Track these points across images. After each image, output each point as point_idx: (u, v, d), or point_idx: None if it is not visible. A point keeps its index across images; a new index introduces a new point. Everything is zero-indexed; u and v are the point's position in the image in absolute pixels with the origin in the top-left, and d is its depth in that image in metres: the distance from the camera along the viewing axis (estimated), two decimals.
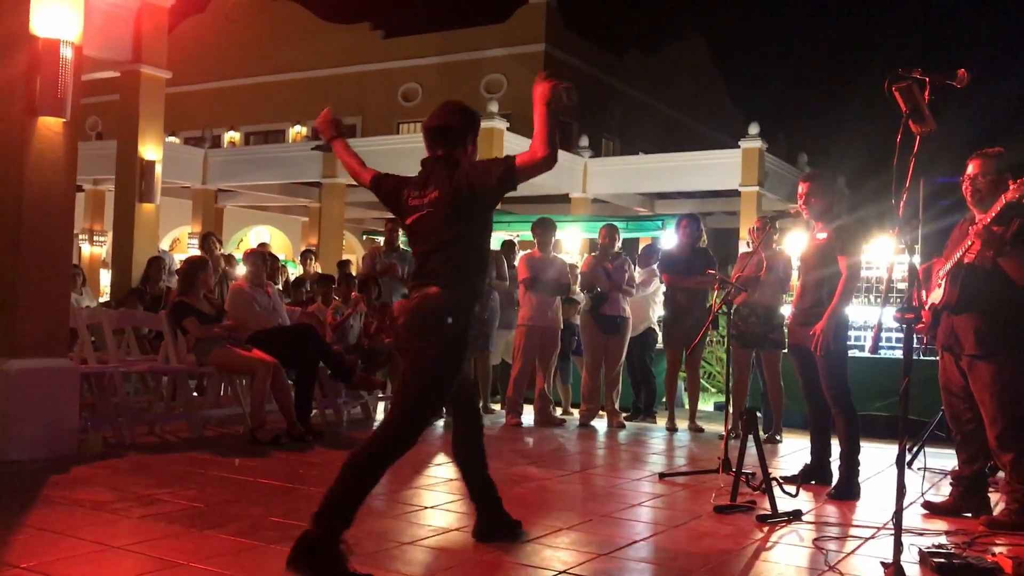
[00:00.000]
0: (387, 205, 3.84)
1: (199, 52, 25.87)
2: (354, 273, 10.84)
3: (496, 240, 12.40)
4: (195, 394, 7.44)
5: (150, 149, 10.24)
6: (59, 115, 5.67)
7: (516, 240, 13.06)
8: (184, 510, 4.27)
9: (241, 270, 9.27)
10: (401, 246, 9.86)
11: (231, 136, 26.83)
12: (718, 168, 18.76)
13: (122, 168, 10.40)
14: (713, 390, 10.95)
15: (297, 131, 26.46)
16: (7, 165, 5.62)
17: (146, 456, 5.80)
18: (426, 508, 4.57)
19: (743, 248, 12.39)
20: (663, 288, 8.53)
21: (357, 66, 26.97)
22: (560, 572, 3.47)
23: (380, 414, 8.48)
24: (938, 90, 3.52)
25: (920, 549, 3.75)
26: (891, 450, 5.93)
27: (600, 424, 8.12)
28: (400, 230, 9.85)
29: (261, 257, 7.66)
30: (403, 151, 19.61)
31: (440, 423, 7.67)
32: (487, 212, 3.62)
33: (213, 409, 7.18)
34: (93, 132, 26.48)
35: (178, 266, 10.04)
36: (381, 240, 10.61)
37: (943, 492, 5.08)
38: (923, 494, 4.98)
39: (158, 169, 10.34)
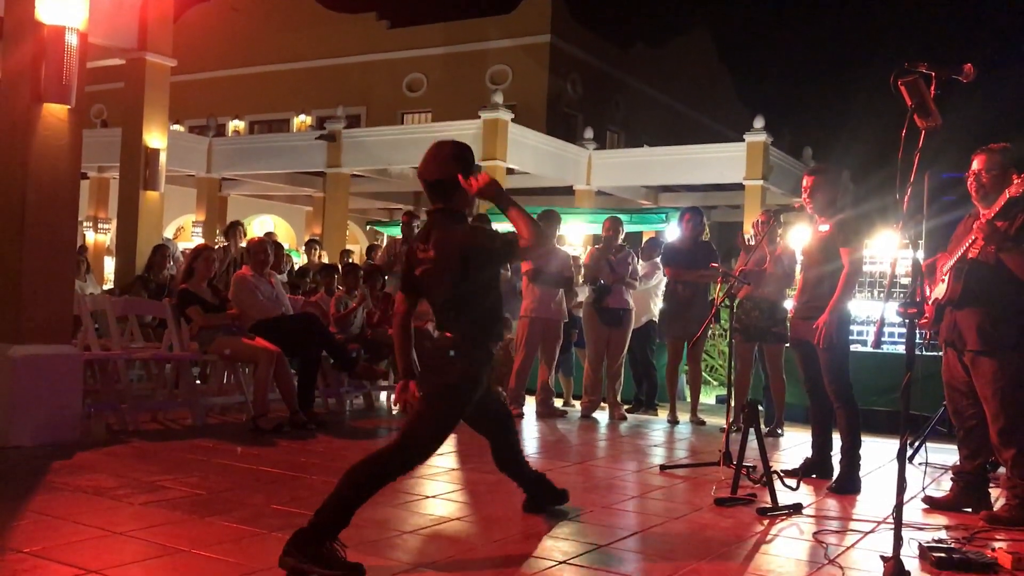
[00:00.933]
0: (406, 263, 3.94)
1: (204, 40, 25.86)
2: (358, 262, 10.85)
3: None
4: (198, 382, 7.46)
5: (155, 137, 10.25)
6: (64, 102, 5.68)
7: None
8: (186, 497, 4.28)
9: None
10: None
11: (236, 125, 26.85)
12: (722, 161, 18.72)
13: (127, 156, 10.40)
14: (715, 383, 10.96)
15: (302, 120, 26.48)
16: (12, 152, 5.63)
17: (149, 443, 5.82)
18: (427, 497, 4.59)
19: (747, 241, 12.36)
20: (665, 281, 8.54)
21: (362, 56, 26.95)
22: (560, 562, 3.49)
23: (382, 403, 8.51)
24: (944, 85, 3.51)
25: (920, 543, 3.76)
26: (892, 445, 5.94)
27: (601, 416, 8.14)
28: (416, 221, 9.89)
29: (268, 246, 7.67)
30: (407, 141, 19.61)
31: None
32: (484, 273, 3.68)
33: (216, 397, 7.20)
34: (98, 120, 26.53)
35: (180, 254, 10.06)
36: (383, 231, 10.61)
37: (944, 487, 5.09)
38: (924, 489, 4.99)
39: (162, 157, 10.35)
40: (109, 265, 17.68)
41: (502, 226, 12.72)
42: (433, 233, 3.66)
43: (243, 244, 10.78)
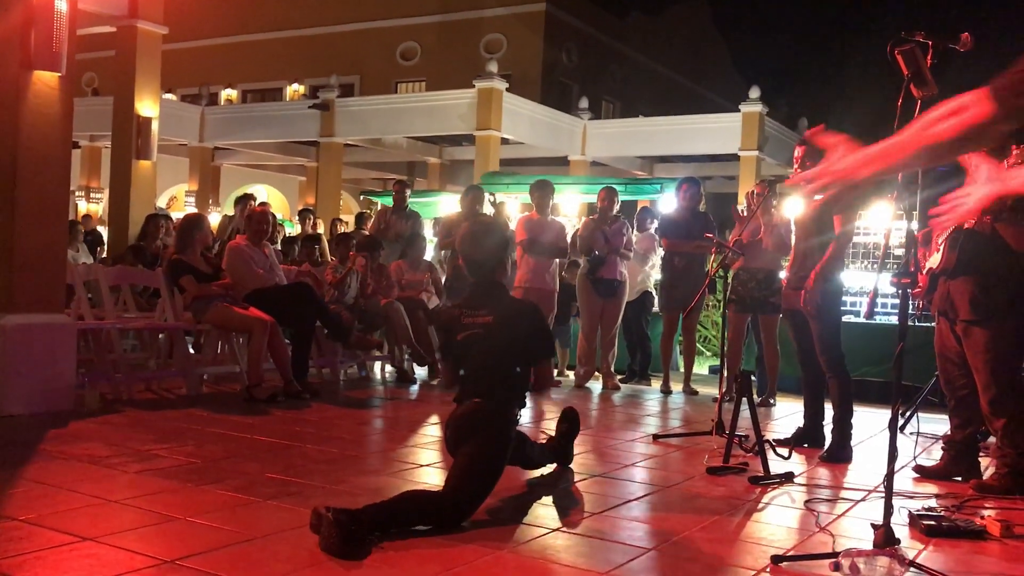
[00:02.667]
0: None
1: (196, 8, 25.53)
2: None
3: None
4: (192, 351, 7.46)
5: (147, 105, 10.18)
6: (54, 69, 5.62)
7: (516, 201, 13.01)
8: (181, 466, 4.29)
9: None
10: (409, 207, 9.91)
11: (228, 94, 26.65)
12: (718, 132, 18.68)
13: (119, 124, 10.34)
14: (708, 354, 11.00)
15: (295, 89, 26.28)
16: (2, 119, 5.57)
17: (143, 412, 5.82)
18: (420, 466, 4.60)
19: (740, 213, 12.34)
20: (661, 252, 8.54)
21: (356, 24, 26.73)
22: (553, 530, 3.51)
23: (376, 373, 8.52)
24: (941, 54, 3.48)
25: (910, 512, 3.79)
26: (884, 415, 5.97)
27: (595, 386, 8.16)
28: (407, 190, 9.89)
29: (269, 217, 7.67)
30: (401, 110, 19.53)
31: (423, 372, 7.71)
32: (527, 351, 3.98)
33: (210, 366, 7.20)
34: (89, 88, 26.29)
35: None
36: (377, 200, 10.59)
37: (934, 456, 5.12)
38: (915, 458, 5.02)
39: (155, 126, 10.30)
40: (102, 235, 17.62)
41: (500, 195, 12.64)
42: (484, 301, 3.89)
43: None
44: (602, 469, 4.70)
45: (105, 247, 11.47)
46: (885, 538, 3.18)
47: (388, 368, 8.55)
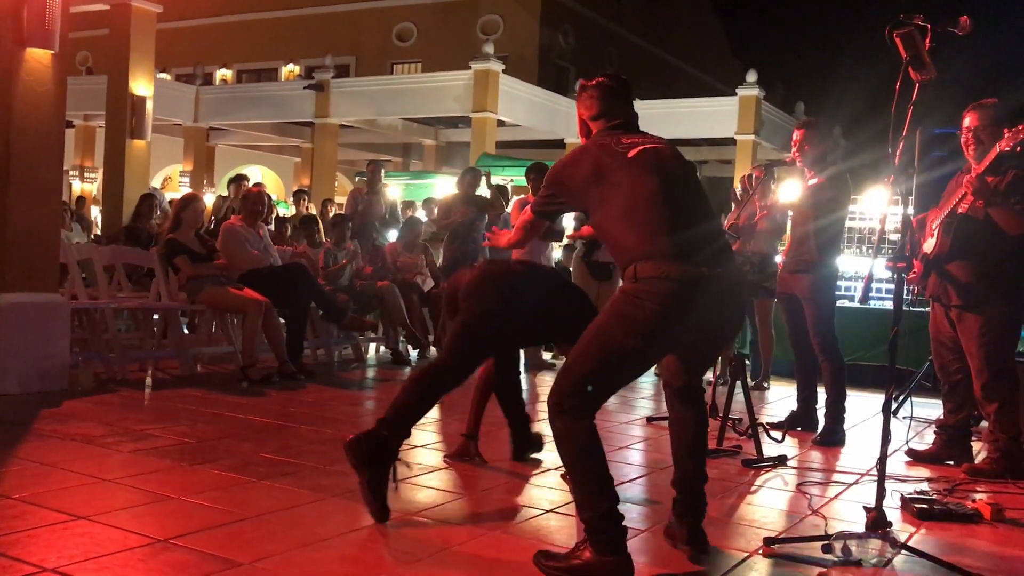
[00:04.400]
0: None
1: None
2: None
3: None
4: (186, 332, 7.45)
5: (141, 85, 10.13)
6: (48, 47, 5.58)
7: (509, 185, 12.99)
8: (175, 445, 4.30)
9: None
10: (381, 186, 10.00)
11: (223, 74, 26.50)
12: (714, 116, 18.63)
13: (113, 103, 10.29)
14: None
15: (290, 70, 26.15)
16: None
17: (137, 392, 5.82)
18: (416, 447, 4.61)
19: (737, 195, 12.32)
20: None
21: (351, 4, 26.57)
22: (546, 511, 3.52)
23: (371, 355, 8.52)
24: (939, 37, 3.47)
25: (902, 495, 3.81)
26: (877, 399, 5.99)
27: None
28: (382, 170, 9.97)
29: (265, 198, 7.65)
30: (397, 92, 19.45)
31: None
32: None
33: (204, 347, 7.19)
34: (83, 67, 26.14)
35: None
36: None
37: (927, 440, 5.15)
38: (907, 442, 5.04)
39: (149, 105, 10.25)
40: (95, 215, 17.54)
41: (496, 178, 12.62)
42: None
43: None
44: None
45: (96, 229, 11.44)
46: (877, 521, 3.20)
47: (382, 349, 8.54)
